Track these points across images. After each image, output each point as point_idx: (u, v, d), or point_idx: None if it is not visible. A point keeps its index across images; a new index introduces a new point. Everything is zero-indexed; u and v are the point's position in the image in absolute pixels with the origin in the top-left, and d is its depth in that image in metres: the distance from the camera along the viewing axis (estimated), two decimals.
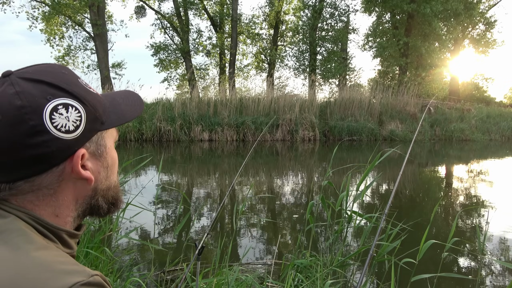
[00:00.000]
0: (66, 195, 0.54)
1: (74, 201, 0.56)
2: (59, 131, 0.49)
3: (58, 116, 0.49)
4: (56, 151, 0.49)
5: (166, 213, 4.36)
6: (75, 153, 0.52)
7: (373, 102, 14.91)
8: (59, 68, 0.54)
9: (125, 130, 11.85)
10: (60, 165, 0.51)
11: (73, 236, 0.56)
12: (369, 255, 1.26)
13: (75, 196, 0.56)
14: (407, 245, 2.11)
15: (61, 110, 0.49)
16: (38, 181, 0.51)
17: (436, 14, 17.82)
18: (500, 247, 3.46)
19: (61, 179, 0.52)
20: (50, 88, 0.50)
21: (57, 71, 0.53)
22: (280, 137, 13.10)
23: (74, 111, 0.51)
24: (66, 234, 0.54)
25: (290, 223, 4.11)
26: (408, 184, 6.43)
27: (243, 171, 6.97)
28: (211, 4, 22.21)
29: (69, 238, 0.55)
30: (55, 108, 0.49)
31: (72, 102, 0.51)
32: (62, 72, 0.53)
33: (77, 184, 0.55)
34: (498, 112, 18.29)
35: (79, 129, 0.51)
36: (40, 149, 0.48)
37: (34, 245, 0.47)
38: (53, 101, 0.49)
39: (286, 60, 24.01)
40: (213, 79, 23.17)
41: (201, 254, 1.33)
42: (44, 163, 0.50)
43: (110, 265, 2.22)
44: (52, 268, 0.44)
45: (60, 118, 0.49)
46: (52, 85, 0.50)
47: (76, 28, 20.13)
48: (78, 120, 0.51)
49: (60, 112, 0.49)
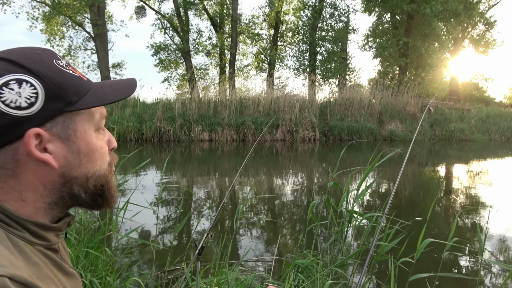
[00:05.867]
0: (29, 178, 0.51)
1: (42, 186, 0.53)
2: (7, 106, 0.47)
3: (8, 91, 0.47)
4: (3, 127, 0.47)
5: (166, 213, 4.36)
6: (26, 132, 0.49)
7: (373, 102, 14.91)
8: (36, 49, 0.52)
9: (125, 130, 11.85)
10: (13, 143, 0.49)
11: (46, 228, 0.53)
12: (369, 255, 1.26)
13: (41, 181, 0.52)
14: (408, 244, 2.11)
15: (12, 85, 0.47)
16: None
17: (436, 14, 17.84)
18: (500, 247, 3.46)
19: (16, 159, 0.50)
20: (8, 65, 0.48)
21: (30, 52, 0.51)
22: (280, 137, 13.10)
23: (28, 87, 0.48)
24: (33, 225, 0.51)
25: (290, 223, 4.11)
26: (408, 184, 6.44)
27: (243, 171, 6.97)
28: (211, 4, 22.21)
29: (40, 229, 0.52)
30: (6, 83, 0.47)
31: (28, 78, 0.48)
32: (36, 52, 0.51)
33: (39, 167, 0.51)
34: (498, 112, 18.31)
35: (35, 107, 0.49)
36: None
37: None
38: (5, 76, 0.47)
39: (286, 60, 24.09)
40: (213, 79, 23.19)
41: (201, 254, 1.33)
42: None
43: (110, 265, 2.22)
44: None
45: (10, 94, 0.47)
46: (12, 62, 0.49)
47: (76, 28, 20.15)
48: (33, 97, 0.48)
49: (11, 87, 0.47)
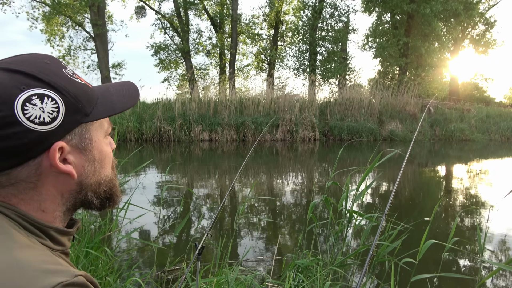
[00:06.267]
0: (49, 189, 0.52)
1: (59, 196, 0.54)
2: (32, 123, 0.47)
3: (31, 107, 0.47)
4: (30, 143, 0.47)
5: (166, 213, 4.35)
6: (52, 146, 0.49)
7: (373, 102, 14.91)
8: (43, 58, 0.52)
9: (125, 130, 11.85)
10: (37, 158, 0.49)
11: (64, 233, 0.55)
12: (369, 255, 1.26)
13: (60, 191, 0.53)
14: (408, 245, 2.11)
15: (35, 101, 0.47)
16: (14, 174, 0.49)
17: (436, 14, 17.84)
18: (500, 247, 3.46)
19: (39, 172, 0.50)
20: (26, 78, 0.48)
21: (39, 61, 0.51)
22: (280, 137, 13.10)
23: (50, 101, 0.48)
24: (54, 231, 0.52)
25: (290, 223, 4.11)
26: (408, 184, 6.43)
27: (243, 171, 6.97)
28: (211, 4, 22.21)
29: (58, 235, 0.53)
30: (28, 99, 0.47)
31: (48, 93, 0.48)
32: (45, 62, 0.51)
33: (59, 178, 0.52)
34: (498, 112, 18.31)
35: (57, 121, 0.49)
36: (11, 141, 0.46)
37: (17, 243, 0.45)
38: (26, 92, 0.47)
39: (286, 60, 24.15)
40: (213, 79, 23.17)
41: (201, 254, 1.33)
42: (17, 156, 0.48)
43: (110, 265, 2.21)
44: (35, 268, 0.43)
45: (33, 109, 0.47)
46: (28, 75, 0.48)
47: (76, 28, 20.14)
48: (55, 111, 0.49)
49: (34, 103, 0.47)
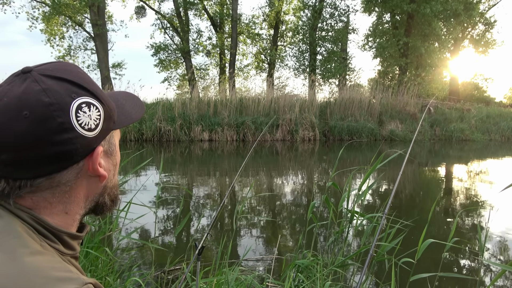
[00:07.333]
0: (79, 192, 0.55)
1: (84, 199, 0.57)
2: (83, 129, 0.50)
3: (82, 114, 0.50)
4: (80, 149, 0.50)
5: (166, 213, 4.35)
6: (95, 150, 0.53)
7: (373, 102, 14.90)
8: (75, 67, 0.55)
9: (125, 130, 11.84)
10: (80, 162, 0.52)
11: (75, 238, 0.56)
12: (369, 255, 1.26)
13: (86, 194, 0.57)
14: (408, 245, 2.11)
15: (84, 109, 0.50)
16: (57, 178, 0.51)
17: (436, 14, 17.82)
18: (500, 247, 3.46)
19: (78, 176, 0.53)
20: (73, 87, 0.51)
21: (75, 70, 0.54)
22: (280, 137, 13.10)
23: (95, 109, 0.52)
24: (67, 236, 0.54)
25: (290, 223, 4.11)
26: (408, 184, 6.43)
27: (243, 171, 6.97)
28: (211, 4, 22.21)
29: (70, 239, 0.55)
30: (80, 106, 0.50)
31: (93, 101, 0.52)
32: (79, 71, 0.54)
33: (90, 181, 0.56)
34: (498, 112, 18.29)
35: (99, 127, 0.52)
36: (66, 146, 0.49)
37: (28, 249, 0.46)
38: (77, 99, 0.50)
39: (286, 60, 24.07)
40: (213, 79, 23.15)
41: (201, 254, 1.33)
42: (67, 160, 0.50)
43: (110, 265, 2.21)
44: (45, 275, 0.43)
45: (84, 116, 0.50)
46: (75, 83, 0.51)
47: (76, 28, 20.14)
48: (98, 119, 0.52)
49: (84, 110, 0.50)
